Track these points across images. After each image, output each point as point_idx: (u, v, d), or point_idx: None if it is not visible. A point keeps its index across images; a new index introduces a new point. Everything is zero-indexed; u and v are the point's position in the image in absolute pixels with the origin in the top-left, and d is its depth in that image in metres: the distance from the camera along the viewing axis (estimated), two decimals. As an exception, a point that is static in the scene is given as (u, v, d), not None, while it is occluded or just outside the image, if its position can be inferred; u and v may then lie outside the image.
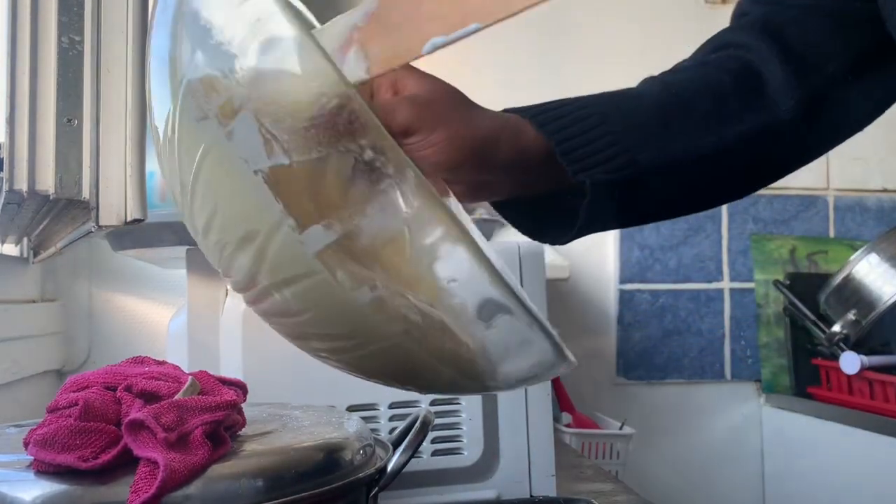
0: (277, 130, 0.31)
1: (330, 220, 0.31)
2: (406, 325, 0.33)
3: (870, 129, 0.58)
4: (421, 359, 0.34)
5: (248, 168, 0.31)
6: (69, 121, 0.55)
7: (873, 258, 1.44)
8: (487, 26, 0.31)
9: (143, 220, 0.55)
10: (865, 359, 1.38)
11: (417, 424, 0.48)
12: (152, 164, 0.75)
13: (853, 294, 1.45)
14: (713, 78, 0.53)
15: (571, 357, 0.37)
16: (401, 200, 0.31)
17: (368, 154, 0.30)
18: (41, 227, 0.72)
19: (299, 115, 0.30)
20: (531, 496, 0.67)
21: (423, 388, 0.40)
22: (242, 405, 0.45)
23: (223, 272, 0.37)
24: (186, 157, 0.33)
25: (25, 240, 0.93)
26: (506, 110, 0.49)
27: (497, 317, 0.33)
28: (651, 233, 1.64)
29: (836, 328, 1.45)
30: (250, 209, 0.32)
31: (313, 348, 0.37)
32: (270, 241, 0.32)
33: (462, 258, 0.31)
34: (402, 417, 0.63)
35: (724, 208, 1.68)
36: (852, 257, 1.48)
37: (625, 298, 1.63)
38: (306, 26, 0.36)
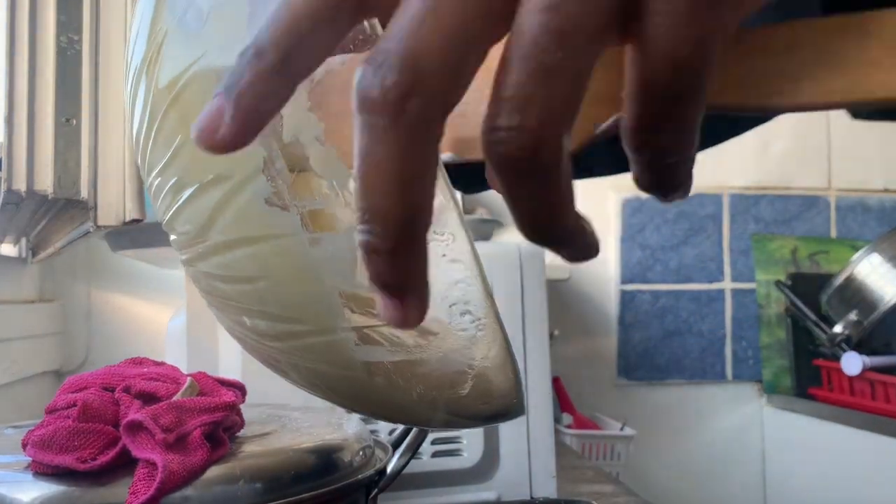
0: None
1: (398, 349, 0.28)
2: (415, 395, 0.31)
3: (871, 129, 0.58)
4: (410, 400, 0.33)
5: (322, 277, 0.28)
6: (68, 120, 0.55)
7: (875, 258, 1.44)
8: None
9: (141, 220, 0.55)
10: (867, 359, 1.38)
11: (417, 425, 0.48)
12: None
13: (855, 294, 1.45)
14: None
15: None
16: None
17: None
18: (40, 226, 0.72)
19: None
20: (532, 498, 0.67)
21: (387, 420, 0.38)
22: (241, 406, 0.44)
23: (201, 287, 0.33)
24: (234, 220, 0.28)
25: (24, 240, 0.93)
26: None
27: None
28: (652, 233, 1.64)
29: (838, 329, 1.45)
30: (307, 306, 0.28)
31: (293, 380, 0.34)
32: (318, 337, 0.29)
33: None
34: (402, 418, 0.63)
35: (726, 209, 1.67)
36: (854, 257, 1.48)
37: (625, 299, 1.62)
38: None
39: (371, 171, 0.17)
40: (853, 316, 1.44)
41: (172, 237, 0.32)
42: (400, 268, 0.18)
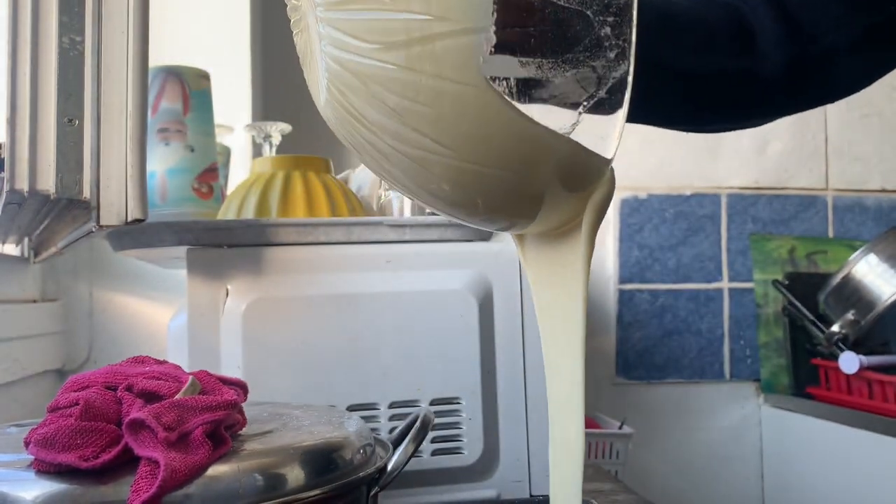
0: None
1: (528, 62, 0.30)
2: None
3: (869, 129, 0.58)
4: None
5: None
6: (70, 121, 0.55)
7: (872, 258, 1.44)
8: None
9: (143, 219, 0.55)
10: (864, 359, 1.38)
11: (417, 424, 0.48)
12: (153, 164, 0.75)
13: (852, 294, 1.45)
14: (712, 14, 0.53)
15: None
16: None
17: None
18: (42, 227, 0.72)
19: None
20: (531, 496, 0.67)
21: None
22: (243, 405, 0.45)
23: None
24: None
25: (26, 240, 0.93)
26: None
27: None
28: (651, 233, 1.64)
29: (836, 328, 1.45)
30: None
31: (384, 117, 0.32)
32: (455, 38, 0.29)
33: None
34: (402, 417, 0.63)
35: (724, 208, 1.68)
36: (851, 257, 1.48)
37: (624, 298, 1.63)
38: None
39: None
40: (850, 315, 1.44)
41: None
42: None
